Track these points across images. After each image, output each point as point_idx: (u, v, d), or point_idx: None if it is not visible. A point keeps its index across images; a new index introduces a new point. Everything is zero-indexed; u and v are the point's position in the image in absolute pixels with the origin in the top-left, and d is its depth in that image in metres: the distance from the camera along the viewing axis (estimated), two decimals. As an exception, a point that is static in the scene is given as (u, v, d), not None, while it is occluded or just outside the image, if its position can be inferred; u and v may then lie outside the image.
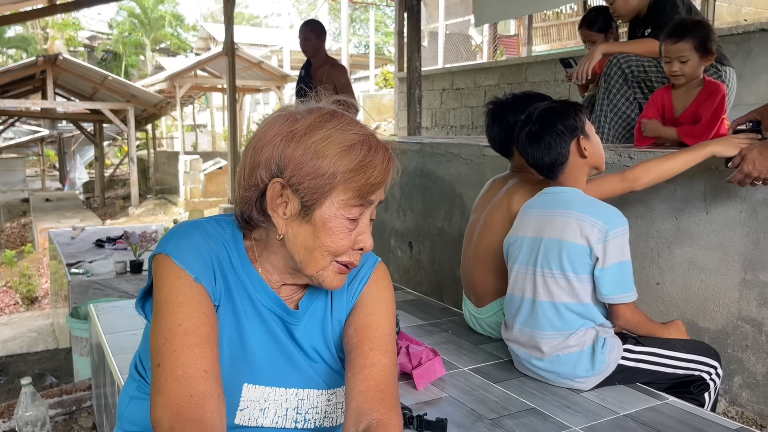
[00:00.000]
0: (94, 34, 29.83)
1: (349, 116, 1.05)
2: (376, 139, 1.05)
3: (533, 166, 1.94)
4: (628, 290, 1.76)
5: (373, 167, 1.02)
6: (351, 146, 1.01)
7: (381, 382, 1.04)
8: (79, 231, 5.68)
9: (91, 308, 2.42)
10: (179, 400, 0.91)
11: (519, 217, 1.96)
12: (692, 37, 2.37)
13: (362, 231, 1.06)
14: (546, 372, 1.80)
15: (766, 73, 4.26)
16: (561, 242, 1.77)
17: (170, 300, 0.98)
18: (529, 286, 1.84)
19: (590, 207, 1.80)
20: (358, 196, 1.02)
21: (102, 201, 15.69)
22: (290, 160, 1.00)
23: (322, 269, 1.05)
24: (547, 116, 1.88)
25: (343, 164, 1.00)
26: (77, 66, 13.48)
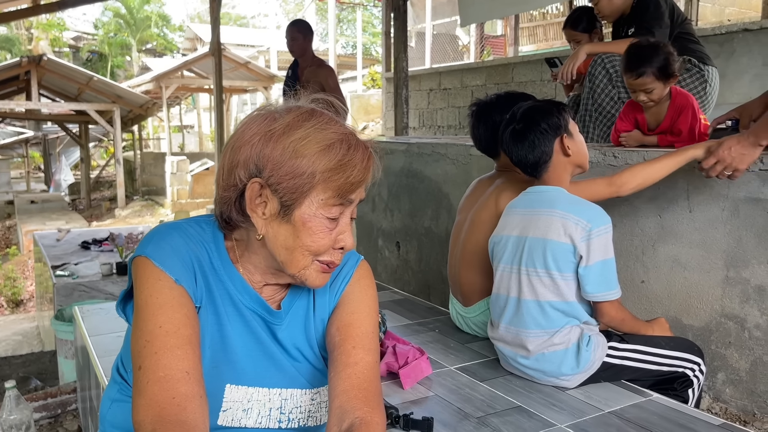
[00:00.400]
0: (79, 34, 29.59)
1: (329, 115, 1.05)
2: (356, 138, 1.05)
3: (517, 164, 1.95)
4: (612, 288, 1.78)
5: (352, 166, 1.01)
6: (330, 145, 1.00)
7: (364, 381, 1.05)
8: (64, 233, 5.64)
9: (76, 310, 2.40)
10: (161, 402, 0.91)
11: (504, 217, 1.97)
12: (651, 69, 2.36)
13: (343, 230, 1.05)
14: (532, 370, 1.81)
15: (749, 73, 4.31)
16: (545, 241, 1.78)
17: (151, 302, 0.97)
18: (514, 285, 1.85)
19: (574, 206, 1.81)
20: (338, 196, 1.02)
21: (88, 203, 15.57)
22: (269, 159, 1.00)
23: (303, 268, 1.05)
24: (531, 115, 1.89)
25: (322, 163, 0.99)
26: (62, 67, 13.37)
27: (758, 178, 2.00)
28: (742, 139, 1.87)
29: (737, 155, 1.87)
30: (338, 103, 1.09)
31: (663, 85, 2.39)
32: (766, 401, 2.05)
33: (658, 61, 2.35)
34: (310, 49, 4.81)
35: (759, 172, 2.00)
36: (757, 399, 2.07)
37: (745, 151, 1.86)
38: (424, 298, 3.14)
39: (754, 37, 4.22)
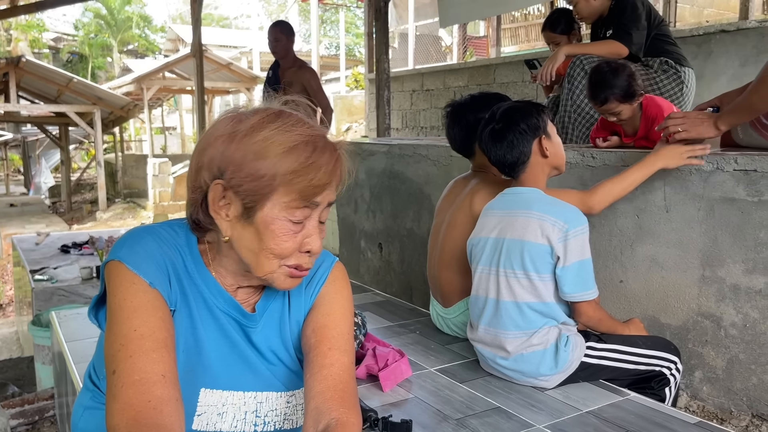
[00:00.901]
0: (59, 35, 29.28)
1: (297, 116, 1.03)
2: (324, 140, 1.03)
3: (495, 164, 1.96)
4: (589, 288, 1.79)
5: (316, 168, 0.99)
6: (293, 147, 0.99)
7: (340, 382, 1.05)
8: (43, 237, 5.57)
9: (53, 315, 2.37)
10: (137, 406, 0.90)
11: (481, 218, 1.98)
12: (613, 95, 2.40)
13: (309, 233, 1.03)
14: (510, 371, 1.82)
15: (727, 74, 4.35)
16: (522, 243, 1.79)
17: (125, 306, 0.96)
18: (492, 287, 1.85)
19: (550, 207, 1.82)
20: (301, 198, 1.00)
21: (69, 206, 15.40)
22: (230, 161, 0.99)
23: (270, 272, 1.04)
24: (510, 115, 1.90)
25: (283, 166, 0.98)
26: (41, 68, 13.22)
27: (733, 179, 2.03)
28: (704, 116, 1.95)
29: (694, 119, 1.94)
30: (309, 104, 1.08)
31: (629, 105, 2.44)
32: (742, 399, 2.08)
33: (619, 86, 2.39)
34: (293, 50, 4.81)
35: (733, 173, 2.03)
36: (734, 397, 2.10)
37: (701, 125, 1.93)
38: (406, 299, 3.14)
39: (731, 38, 4.27)
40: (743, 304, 2.04)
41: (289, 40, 4.74)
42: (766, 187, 1.96)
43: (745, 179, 2.00)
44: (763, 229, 1.97)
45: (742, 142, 2.16)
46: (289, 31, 4.76)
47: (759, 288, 2.00)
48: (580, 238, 1.77)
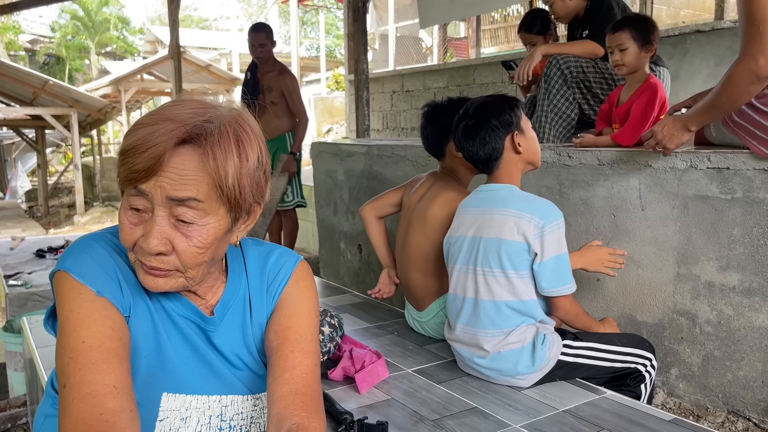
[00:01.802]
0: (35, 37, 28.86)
1: (203, 103, 0.97)
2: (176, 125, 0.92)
3: (469, 160, 1.96)
4: (566, 282, 1.80)
5: (139, 152, 0.90)
6: (135, 129, 0.93)
7: (302, 385, 1.02)
8: (18, 241, 5.47)
9: (24, 321, 2.32)
10: (88, 420, 0.87)
11: (457, 217, 1.97)
12: (630, 26, 2.50)
13: (148, 229, 0.93)
14: (488, 370, 1.81)
15: (702, 74, 4.40)
16: (499, 241, 1.79)
17: (72, 317, 0.93)
18: (470, 286, 1.85)
19: (525, 203, 1.82)
20: (126, 181, 0.93)
21: (46, 210, 15.17)
22: None
23: (132, 263, 0.99)
24: (482, 111, 1.90)
25: (121, 147, 0.94)
26: (15, 70, 13.01)
27: (706, 177, 2.05)
28: (675, 121, 1.98)
29: (668, 134, 1.98)
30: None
31: (637, 48, 2.49)
32: (718, 395, 2.10)
33: (637, 24, 2.50)
34: (273, 53, 4.78)
35: (707, 170, 2.04)
36: (710, 393, 2.11)
37: (675, 131, 1.97)
38: (385, 300, 3.13)
39: (706, 38, 4.32)
40: (717, 301, 2.05)
41: (274, 44, 4.73)
42: (739, 185, 1.97)
43: (718, 177, 2.02)
44: (736, 227, 1.99)
45: (715, 140, 2.18)
46: (270, 36, 4.73)
47: (733, 285, 2.01)
48: (556, 233, 1.77)
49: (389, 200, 2.41)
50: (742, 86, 1.78)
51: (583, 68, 2.97)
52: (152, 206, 0.93)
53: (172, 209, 0.93)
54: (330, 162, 3.94)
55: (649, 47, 2.51)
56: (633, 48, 2.50)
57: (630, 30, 2.49)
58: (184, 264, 0.97)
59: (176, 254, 0.96)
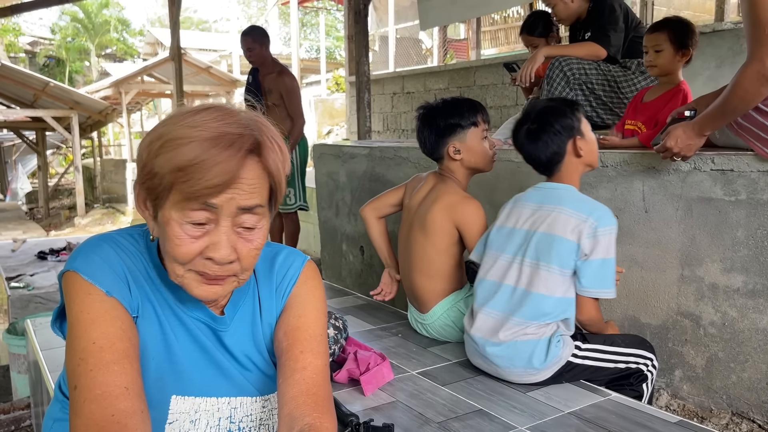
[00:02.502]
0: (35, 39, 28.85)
1: (224, 112, 0.96)
2: (234, 138, 0.93)
3: (529, 162, 1.98)
4: (607, 286, 1.81)
5: (207, 167, 0.90)
6: (188, 143, 0.91)
7: (313, 386, 1.02)
8: (20, 243, 5.48)
9: (28, 323, 2.33)
10: (100, 421, 0.87)
11: (511, 208, 1.98)
12: (669, 29, 2.50)
13: (215, 240, 0.94)
14: (499, 358, 1.81)
15: (703, 75, 4.41)
16: (553, 237, 1.81)
17: (82, 318, 0.93)
18: (513, 274, 1.86)
19: (583, 204, 1.85)
20: (191, 199, 0.92)
21: (46, 211, 15.17)
22: (139, 159, 0.97)
23: (179, 277, 0.98)
24: (544, 115, 1.91)
25: (172, 163, 0.91)
26: (16, 72, 13.01)
27: (710, 178, 2.05)
28: (687, 130, 1.97)
29: (684, 145, 1.98)
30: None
31: (673, 51, 2.50)
32: (722, 397, 2.10)
33: (676, 27, 2.50)
34: (269, 55, 4.67)
35: (710, 172, 2.05)
36: (714, 395, 2.12)
37: (690, 141, 1.97)
38: (387, 302, 3.13)
39: (707, 39, 4.32)
40: (722, 302, 2.06)
41: (262, 46, 4.58)
42: (743, 187, 1.98)
43: (722, 179, 2.02)
44: (740, 228, 1.99)
45: (719, 142, 2.18)
46: (261, 38, 4.60)
47: (737, 287, 2.02)
48: (608, 237, 1.79)
49: (389, 200, 2.42)
50: (751, 89, 1.78)
51: (585, 70, 2.97)
52: (217, 218, 0.94)
53: (237, 217, 0.95)
54: (332, 164, 3.94)
55: (685, 51, 2.51)
56: (669, 50, 2.50)
57: (668, 32, 2.49)
58: (243, 268, 0.99)
59: (239, 259, 0.97)
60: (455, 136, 2.13)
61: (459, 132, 2.13)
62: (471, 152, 2.14)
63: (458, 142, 2.13)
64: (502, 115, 5.68)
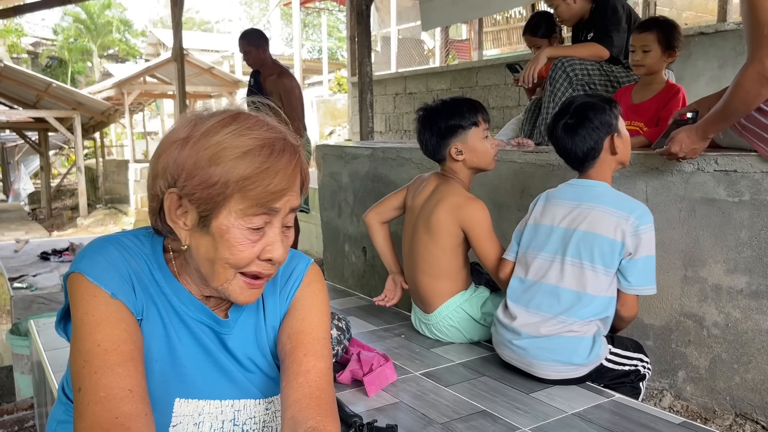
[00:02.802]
0: (38, 40, 28.90)
1: (257, 118, 0.99)
2: (283, 143, 0.98)
3: (563, 156, 1.96)
4: (651, 283, 1.83)
5: (272, 173, 0.95)
6: (247, 152, 0.94)
7: (316, 389, 1.02)
8: (22, 244, 5.49)
9: (32, 324, 2.33)
10: (104, 423, 0.87)
11: (544, 204, 1.97)
12: (657, 29, 2.55)
13: (271, 241, 0.99)
14: (541, 350, 1.81)
15: (706, 75, 4.40)
16: (595, 236, 1.81)
17: (87, 320, 0.93)
18: (553, 273, 1.86)
19: (623, 202, 1.84)
20: (257, 205, 0.95)
21: (49, 212, 15.19)
22: (183, 168, 0.95)
23: (225, 282, 1.00)
24: (583, 111, 1.90)
25: (236, 171, 0.93)
26: (19, 73, 13.03)
27: (713, 179, 2.05)
28: (690, 134, 1.97)
29: (688, 150, 1.98)
30: (276, 106, 1.04)
31: (660, 51, 2.55)
32: (726, 398, 2.09)
33: (664, 28, 2.55)
34: (268, 57, 4.61)
35: (714, 173, 2.04)
36: (717, 396, 2.11)
37: (694, 145, 1.97)
38: (390, 303, 3.13)
39: (710, 40, 4.32)
40: (725, 303, 2.05)
41: (259, 49, 4.54)
42: (747, 188, 1.97)
43: (726, 180, 2.02)
44: (744, 229, 1.99)
45: (722, 143, 2.18)
46: (257, 40, 4.56)
47: (740, 288, 2.01)
48: (649, 233, 1.80)
49: (392, 204, 2.41)
50: (752, 90, 1.78)
51: (588, 71, 2.97)
52: (272, 220, 0.99)
53: (285, 218, 1.00)
54: (334, 164, 3.94)
55: (672, 52, 2.57)
56: (656, 51, 2.56)
57: (657, 32, 2.54)
58: (279, 266, 1.04)
59: None
60: (457, 137, 2.13)
61: (460, 133, 2.13)
62: (473, 152, 2.14)
63: (460, 143, 2.13)
64: (505, 115, 5.68)
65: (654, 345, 2.24)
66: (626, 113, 2.72)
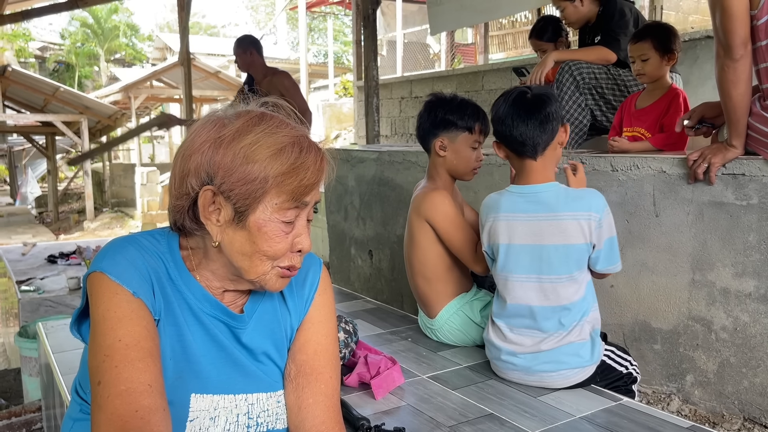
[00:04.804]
0: (45, 44, 29.10)
1: (279, 118, 1.04)
2: (308, 140, 1.04)
3: (517, 139, 1.82)
4: (616, 261, 1.85)
5: (305, 169, 1.01)
6: (281, 149, 1.00)
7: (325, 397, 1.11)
8: (30, 247, 5.52)
9: (40, 327, 2.34)
10: (124, 416, 0.89)
11: (497, 223, 1.88)
12: (651, 37, 2.56)
13: (300, 233, 1.05)
14: (549, 364, 1.80)
15: (712, 79, 4.35)
16: (567, 247, 1.78)
17: (109, 316, 0.95)
18: (532, 294, 1.82)
19: (579, 202, 1.79)
20: (292, 199, 1.01)
21: (56, 215, 15.26)
22: (219, 166, 0.99)
23: (262, 274, 1.04)
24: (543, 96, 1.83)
25: (274, 168, 0.99)
26: (27, 77, 13.12)
27: (721, 182, 2.04)
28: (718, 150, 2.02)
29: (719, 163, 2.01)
30: (288, 105, 1.09)
31: (659, 57, 2.56)
32: (734, 402, 2.08)
33: (659, 34, 2.57)
34: (258, 61, 4.68)
35: (722, 177, 2.04)
36: (725, 400, 2.10)
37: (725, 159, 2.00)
38: (397, 306, 3.13)
39: (716, 44, 4.31)
40: (733, 307, 2.04)
41: (246, 53, 4.62)
42: (755, 191, 1.97)
43: (734, 183, 2.01)
44: (752, 233, 1.98)
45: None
46: (246, 45, 4.65)
47: (749, 291, 2.01)
48: (607, 219, 1.81)
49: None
50: (727, 80, 1.89)
51: (595, 74, 2.97)
52: (299, 213, 1.04)
53: (309, 211, 1.06)
54: (340, 168, 3.95)
55: (671, 56, 2.58)
56: (654, 58, 2.57)
57: (651, 40, 2.56)
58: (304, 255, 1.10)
59: None
60: (447, 132, 2.12)
61: (452, 130, 2.12)
62: (455, 154, 2.13)
63: (447, 139, 2.12)
64: (511, 119, 5.68)
65: (662, 349, 2.23)
66: (628, 119, 2.74)
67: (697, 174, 2.04)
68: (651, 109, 2.68)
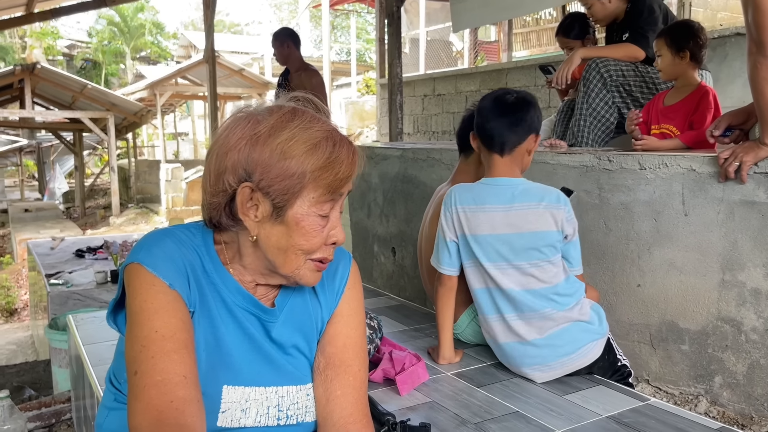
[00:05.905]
0: (73, 42, 29.54)
1: (311, 113, 1.06)
2: (339, 134, 1.06)
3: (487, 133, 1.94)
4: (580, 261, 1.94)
5: (340, 162, 1.03)
6: (317, 144, 1.01)
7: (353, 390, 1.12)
8: (58, 241, 5.61)
9: (70, 319, 2.39)
10: (159, 406, 0.91)
11: (471, 214, 1.93)
12: (665, 34, 2.60)
13: (334, 225, 1.07)
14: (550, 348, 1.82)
15: (742, 77, 4.31)
16: (540, 234, 1.84)
17: (146, 307, 0.97)
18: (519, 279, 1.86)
19: (547, 193, 1.89)
20: (329, 192, 1.03)
21: (82, 211, 15.51)
22: (257, 163, 1.00)
23: (297, 268, 1.06)
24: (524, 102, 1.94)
25: (311, 162, 1.00)
26: (56, 75, 13.35)
27: (753, 181, 2.01)
28: (750, 149, 1.98)
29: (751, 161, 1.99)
30: (318, 100, 1.10)
31: (671, 55, 2.58)
32: (763, 404, 2.05)
33: (671, 32, 2.61)
34: (295, 54, 4.80)
35: (753, 175, 2.01)
36: (755, 402, 2.07)
37: (758, 158, 1.98)
38: (420, 303, 3.13)
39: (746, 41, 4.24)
40: (764, 308, 2.01)
41: (283, 46, 4.74)
42: (787, 190, 1.93)
43: (766, 182, 1.98)
44: (785, 233, 1.95)
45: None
46: (283, 38, 4.76)
47: (780, 292, 1.97)
48: (572, 212, 1.88)
49: None
50: (759, 77, 1.86)
51: (623, 72, 2.93)
52: (334, 205, 1.06)
53: (341, 204, 1.08)
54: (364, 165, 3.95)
55: (683, 54, 2.56)
56: (667, 54, 2.59)
57: (665, 37, 2.59)
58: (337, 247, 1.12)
59: None
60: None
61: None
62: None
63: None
64: (535, 117, 5.64)
65: (690, 350, 2.21)
66: (656, 117, 2.71)
67: (728, 172, 2.01)
68: (680, 106, 2.65)
